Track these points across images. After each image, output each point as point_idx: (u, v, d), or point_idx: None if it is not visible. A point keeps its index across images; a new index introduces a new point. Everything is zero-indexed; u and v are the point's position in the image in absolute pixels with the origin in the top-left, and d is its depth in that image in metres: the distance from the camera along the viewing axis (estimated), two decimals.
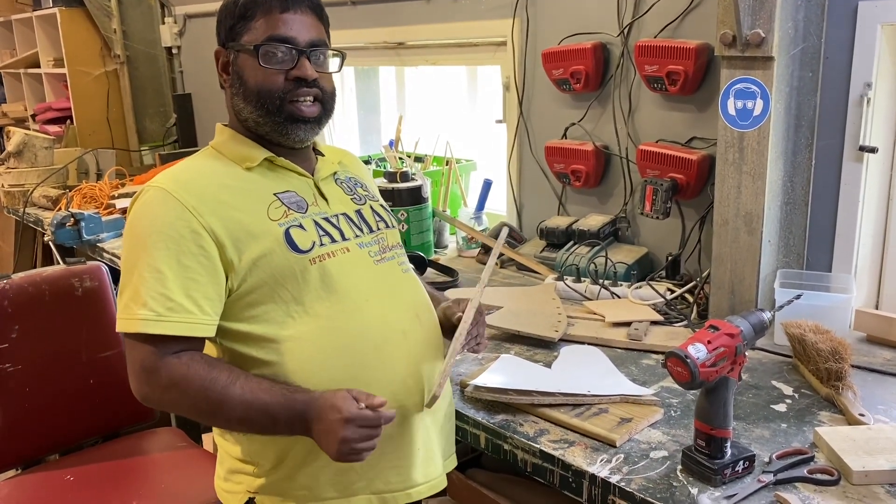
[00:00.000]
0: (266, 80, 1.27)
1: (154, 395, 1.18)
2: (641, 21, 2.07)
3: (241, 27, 1.29)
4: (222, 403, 1.16)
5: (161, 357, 1.17)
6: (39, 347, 1.95)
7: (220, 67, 1.34)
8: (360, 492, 1.26)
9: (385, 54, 2.98)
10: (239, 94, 1.30)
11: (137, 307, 1.16)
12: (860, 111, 1.68)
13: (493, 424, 1.38)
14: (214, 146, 1.34)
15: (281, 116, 1.28)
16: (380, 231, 1.36)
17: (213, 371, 1.17)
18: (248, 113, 1.30)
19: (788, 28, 1.61)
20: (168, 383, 1.17)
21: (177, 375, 1.16)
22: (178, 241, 1.18)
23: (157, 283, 1.16)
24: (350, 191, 1.39)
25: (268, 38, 1.26)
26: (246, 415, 1.16)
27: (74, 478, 1.89)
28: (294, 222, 1.25)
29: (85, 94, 4.25)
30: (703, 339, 1.15)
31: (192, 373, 1.16)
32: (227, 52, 1.32)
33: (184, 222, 1.19)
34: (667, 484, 1.17)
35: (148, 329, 1.16)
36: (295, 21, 1.28)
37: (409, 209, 2.37)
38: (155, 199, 1.22)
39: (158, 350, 1.17)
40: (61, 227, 2.76)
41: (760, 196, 1.67)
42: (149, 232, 1.19)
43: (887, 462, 1.16)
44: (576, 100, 2.29)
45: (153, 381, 1.17)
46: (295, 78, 1.27)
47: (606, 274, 2.03)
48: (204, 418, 1.23)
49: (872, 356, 1.61)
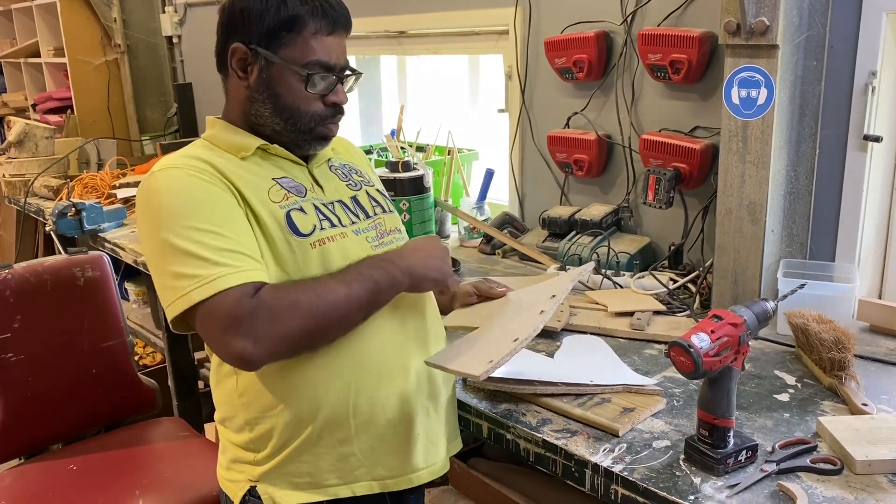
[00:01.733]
0: (305, 103, 1.26)
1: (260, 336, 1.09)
2: (645, 9, 2.05)
3: (284, 39, 1.23)
4: (324, 295, 1.14)
5: (247, 300, 1.10)
6: (41, 337, 1.96)
7: (237, 64, 1.27)
8: (361, 478, 1.26)
9: (386, 43, 2.97)
10: (265, 104, 1.27)
11: (209, 269, 1.10)
12: (864, 100, 1.67)
13: (496, 414, 1.38)
14: (207, 138, 1.31)
15: (311, 136, 1.29)
16: (377, 216, 1.36)
17: (298, 282, 1.17)
18: (271, 122, 1.28)
19: (793, 16, 1.60)
20: (269, 315, 1.10)
21: (272, 301, 1.11)
22: (213, 201, 1.16)
23: (217, 241, 1.13)
24: (345, 177, 1.38)
25: (314, 62, 1.24)
26: (349, 292, 1.16)
27: (77, 467, 1.90)
28: (295, 205, 1.24)
29: (85, 84, 4.24)
30: (706, 328, 1.14)
31: (282, 292, 1.13)
32: (254, 55, 1.25)
33: (212, 185, 1.18)
34: (669, 473, 1.17)
35: (229, 283, 1.10)
36: (335, 45, 1.27)
37: (410, 199, 2.36)
38: (171, 176, 1.19)
39: (242, 298, 1.10)
40: (62, 216, 2.76)
41: (764, 185, 1.66)
42: (183, 201, 1.16)
43: (890, 452, 1.16)
44: (578, 89, 2.28)
45: (254, 318, 1.09)
46: (332, 103, 1.28)
47: (609, 264, 2.03)
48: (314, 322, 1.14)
49: (876, 346, 1.61)
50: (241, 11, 1.25)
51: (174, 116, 4.27)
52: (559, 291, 1.37)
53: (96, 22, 4.20)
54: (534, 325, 1.26)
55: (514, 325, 1.31)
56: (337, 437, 1.24)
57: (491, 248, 2.38)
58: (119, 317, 2.08)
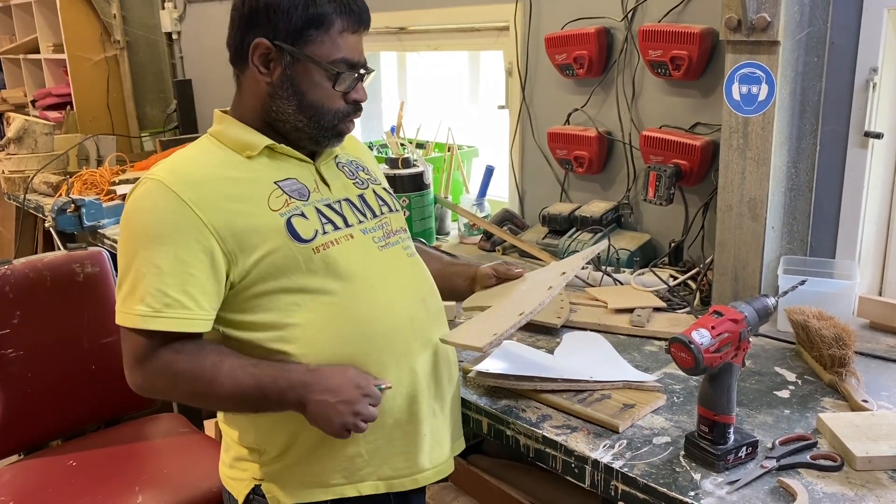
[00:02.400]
0: (329, 100, 1.27)
1: (146, 384, 1.21)
2: (645, 5, 2.05)
3: (312, 36, 1.23)
4: (212, 384, 1.17)
5: (153, 348, 1.18)
6: (41, 333, 1.95)
7: (258, 59, 1.24)
8: (367, 478, 1.26)
9: (386, 40, 2.97)
10: (289, 101, 1.26)
11: (134, 303, 1.17)
12: (865, 96, 1.67)
13: (496, 410, 1.38)
14: (213, 134, 1.31)
15: (331, 132, 1.30)
16: (383, 216, 1.35)
17: (202, 354, 1.19)
18: (294, 119, 1.27)
19: (794, 12, 1.59)
20: (159, 372, 1.18)
21: (166, 363, 1.18)
22: (175, 236, 1.17)
23: (153, 279, 1.16)
24: (352, 175, 1.38)
25: (341, 60, 1.25)
26: (235, 392, 1.17)
27: (77, 463, 1.89)
28: (295, 211, 1.23)
29: (85, 80, 4.23)
30: (707, 324, 1.14)
31: (180, 359, 1.18)
32: (278, 51, 1.23)
33: (182, 217, 1.17)
34: (670, 469, 1.17)
35: (146, 325, 1.16)
36: (358, 43, 1.28)
37: (410, 195, 2.36)
38: (153, 193, 1.19)
39: (152, 342, 1.18)
40: (62, 213, 2.75)
41: (765, 182, 1.66)
42: (146, 226, 1.18)
43: (890, 448, 1.16)
44: (579, 85, 2.28)
45: (144, 370, 1.19)
46: (353, 101, 1.29)
47: (609, 260, 2.03)
48: (197, 401, 1.26)
49: (876, 343, 1.61)
50: (266, 6, 1.22)
51: (174, 113, 4.27)
52: (570, 269, 1.38)
53: (96, 18, 4.20)
54: (540, 300, 1.27)
55: (524, 300, 1.31)
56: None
57: (491, 245, 2.38)
58: None
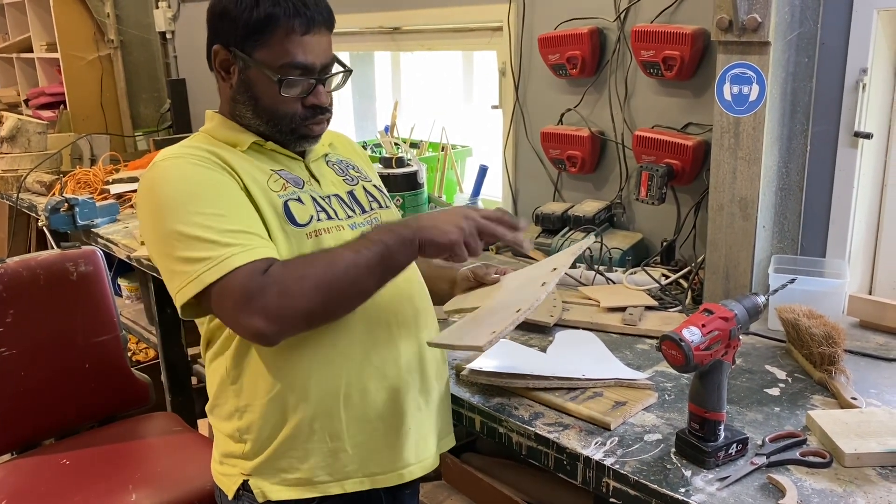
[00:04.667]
0: (283, 105, 1.26)
1: (272, 312, 1.09)
2: (638, 6, 2.06)
3: (257, 40, 1.23)
4: (333, 262, 1.12)
5: (258, 275, 1.10)
6: (34, 332, 1.95)
7: (219, 65, 1.28)
8: (352, 475, 1.26)
9: (380, 39, 2.97)
10: (246, 105, 1.28)
11: (219, 251, 1.10)
12: (855, 97, 1.68)
13: (489, 408, 1.39)
14: (206, 131, 1.33)
15: (293, 135, 1.29)
16: (373, 211, 1.36)
17: (306, 255, 1.16)
18: (255, 123, 1.29)
19: (785, 13, 1.61)
20: (280, 280, 1.10)
21: (280, 271, 1.11)
22: (217, 186, 1.17)
23: (223, 223, 1.13)
24: (342, 172, 1.39)
25: (288, 65, 1.23)
26: (357, 257, 1.12)
27: (70, 462, 1.89)
28: (293, 195, 1.25)
29: (78, 79, 4.22)
30: (697, 322, 1.15)
31: (290, 266, 1.13)
32: (233, 57, 1.26)
33: (214, 171, 1.19)
34: (661, 466, 1.18)
35: (238, 262, 1.10)
36: (313, 44, 1.24)
37: (404, 195, 2.36)
38: (172, 166, 1.20)
39: (252, 274, 1.10)
40: (55, 212, 2.75)
41: (755, 181, 1.67)
42: (184, 189, 1.16)
43: (879, 445, 1.17)
44: (572, 85, 2.28)
45: (266, 293, 1.09)
46: (311, 105, 1.27)
47: (602, 259, 2.03)
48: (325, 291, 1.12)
49: (865, 341, 1.62)
50: (220, 13, 1.25)
51: (167, 112, 4.26)
52: (560, 265, 1.35)
53: (89, 17, 4.19)
54: (536, 296, 1.24)
55: (517, 298, 1.30)
56: (328, 430, 1.24)
57: (484, 245, 2.38)
58: (112, 312, 2.08)
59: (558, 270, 1.33)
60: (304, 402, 1.23)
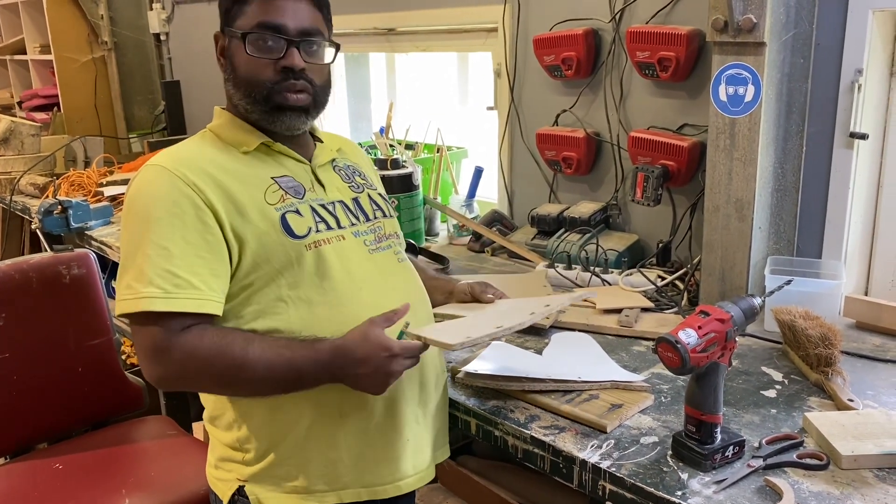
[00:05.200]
0: (255, 69, 1.25)
1: (170, 373, 1.15)
2: (633, 7, 2.06)
3: (237, 10, 1.26)
4: (243, 366, 1.13)
5: (173, 333, 1.13)
6: (27, 335, 1.94)
7: (219, 52, 1.32)
8: (349, 485, 1.26)
9: (375, 40, 2.96)
10: (230, 81, 1.29)
11: (143, 286, 1.13)
12: (851, 98, 1.68)
13: (484, 411, 1.38)
14: (212, 129, 1.33)
15: (268, 105, 1.26)
16: (377, 220, 1.36)
17: (227, 337, 1.15)
18: (238, 100, 1.29)
19: (780, 14, 1.60)
20: (183, 357, 1.13)
21: (190, 347, 1.13)
22: (182, 217, 1.16)
23: (162, 261, 1.14)
24: (348, 178, 1.39)
25: (258, 25, 1.24)
26: (270, 374, 1.14)
27: (63, 466, 1.88)
28: (291, 207, 1.24)
29: (72, 81, 4.20)
30: (693, 324, 1.14)
31: (206, 342, 1.14)
32: (224, 37, 1.30)
33: (187, 199, 1.18)
34: (657, 469, 1.17)
35: (154, 307, 1.12)
36: (287, 7, 1.24)
37: (399, 196, 2.36)
38: (156, 178, 1.20)
39: (170, 328, 1.13)
40: (49, 214, 2.73)
41: (751, 182, 1.67)
42: (151, 210, 1.17)
43: (876, 446, 1.16)
44: (567, 86, 2.28)
45: (167, 359, 1.14)
46: (283, 68, 1.25)
47: (597, 261, 2.03)
48: (226, 387, 1.20)
49: (862, 342, 1.62)
50: (218, 3, 1.31)
51: (162, 114, 4.25)
52: (555, 303, 1.40)
53: (83, 19, 4.17)
54: (520, 320, 1.27)
55: (503, 317, 1.32)
56: (326, 440, 1.24)
57: (480, 246, 2.38)
58: (105, 315, 2.07)
59: (551, 307, 1.36)
60: (303, 412, 1.22)
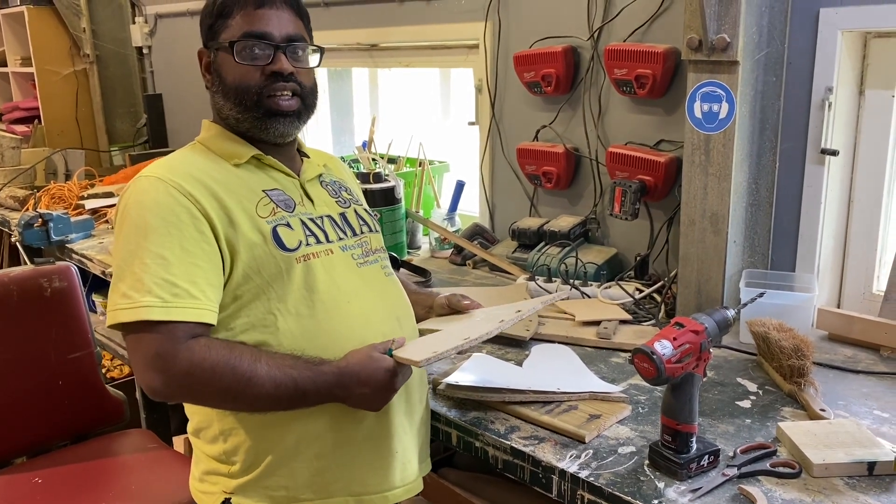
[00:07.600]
0: (244, 77, 1.28)
1: (173, 382, 1.14)
2: (611, 25, 2.10)
3: (220, 25, 1.30)
4: (251, 382, 1.14)
5: (177, 342, 1.13)
6: (7, 348, 1.93)
7: (204, 68, 1.35)
8: (336, 493, 1.26)
9: (358, 56, 2.99)
10: (219, 93, 1.32)
11: (140, 294, 1.13)
12: (822, 115, 1.72)
13: (465, 422, 1.40)
14: (202, 141, 1.34)
15: (259, 111, 1.29)
16: (363, 235, 1.38)
17: (235, 350, 1.16)
18: (228, 110, 1.31)
19: (753, 33, 1.65)
20: (189, 367, 1.13)
21: (198, 358, 1.13)
22: (179, 226, 1.17)
23: (160, 270, 1.14)
24: (335, 193, 1.41)
25: (244, 35, 1.27)
26: (276, 392, 1.15)
27: (42, 480, 1.86)
28: (282, 220, 1.26)
29: (53, 94, 4.19)
30: (668, 335, 1.17)
31: (214, 354, 1.14)
32: (209, 52, 1.33)
33: (183, 208, 1.19)
34: (634, 478, 1.19)
35: (153, 316, 1.12)
36: (271, 16, 1.29)
37: (382, 210, 2.37)
38: (151, 187, 1.21)
39: (171, 336, 1.13)
40: (29, 227, 2.72)
41: (726, 197, 1.70)
42: (148, 219, 1.18)
43: (846, 455, 1.19)
44: (547, 102, 2.32)
45: (171, 367, 1.12)
46: (271, 73, 1.28)
47: (577, 274, 2.06)
48: (229, 401, 1.19)
49: (833, 353, 1.65)
50: (200, 22, 1.35)
51: (144, 127, 4.24)
52: (525, 309, 1.41)
53: (65, 31, 4.16)
54: (488, 329, 1.29)
55: (473, 328, 1.34)
56: (314, 450, 1.24)
57: (461, 259, 2.40)
58: (86, 328, 2.06)
59: (522, 313, 1.38)
60: (291, 423, 1.23)
